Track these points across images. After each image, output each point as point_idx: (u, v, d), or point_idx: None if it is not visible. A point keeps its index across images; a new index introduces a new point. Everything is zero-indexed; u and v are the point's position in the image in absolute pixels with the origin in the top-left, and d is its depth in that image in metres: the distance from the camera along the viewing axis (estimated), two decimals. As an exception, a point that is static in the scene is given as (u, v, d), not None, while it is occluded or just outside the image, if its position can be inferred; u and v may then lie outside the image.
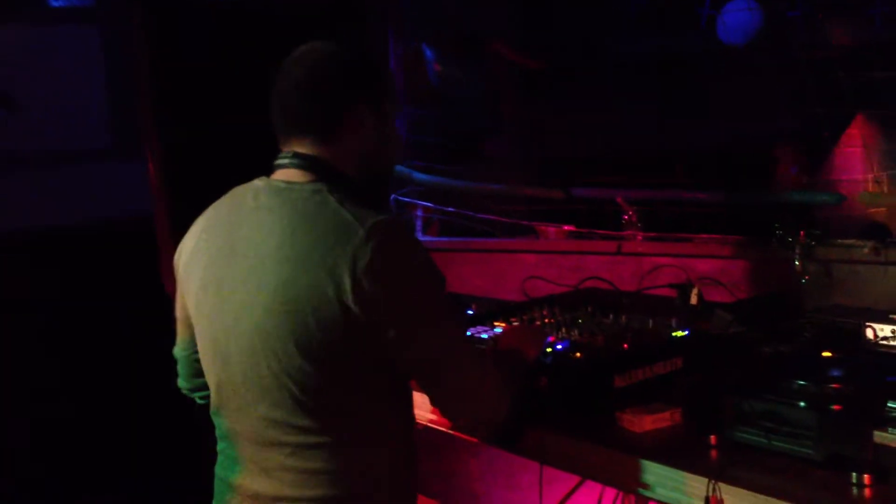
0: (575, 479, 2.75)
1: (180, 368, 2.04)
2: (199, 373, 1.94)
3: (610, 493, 2.91)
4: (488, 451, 3.70)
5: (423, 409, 2.14)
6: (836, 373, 1.83)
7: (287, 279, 1.66)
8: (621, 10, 4.40)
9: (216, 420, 1.87)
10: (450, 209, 4.08)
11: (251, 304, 1.71)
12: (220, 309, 1.77)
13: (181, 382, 2.05)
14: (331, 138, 1.79)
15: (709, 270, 3.07)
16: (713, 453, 1.77)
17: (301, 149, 1.79)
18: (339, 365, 1.68)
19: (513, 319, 2.41)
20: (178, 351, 2.02)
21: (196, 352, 1.91)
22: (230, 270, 1.76)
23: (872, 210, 3.01)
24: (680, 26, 4.31)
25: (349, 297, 1.62)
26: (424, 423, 2.18)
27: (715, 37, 4.16)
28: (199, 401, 2.02)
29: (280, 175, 1.80)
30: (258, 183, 1.82)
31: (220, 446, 1.87)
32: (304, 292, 1.64)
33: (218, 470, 1.88)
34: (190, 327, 1.91)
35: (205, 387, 1.93)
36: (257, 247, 1.72)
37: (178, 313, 1.97)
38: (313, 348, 1.66)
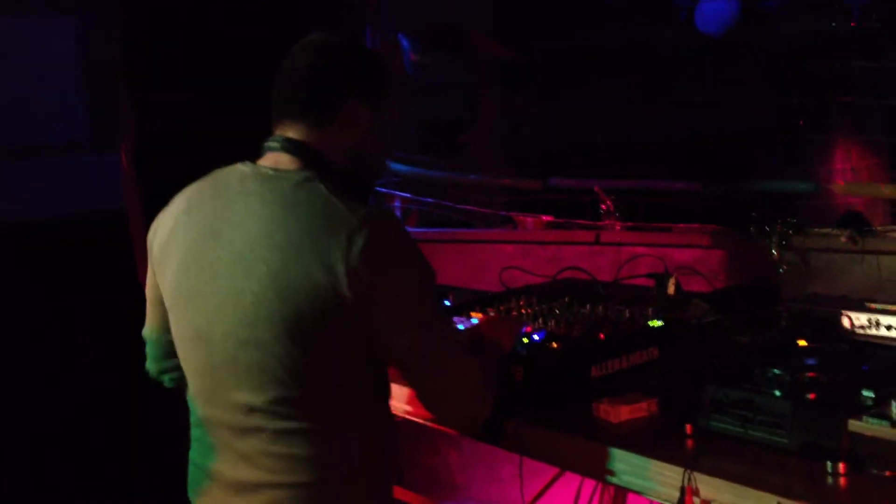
0: (555, 470, 2.75)
1: (149, 350, 2.01)
2: (168, 354, 1.92)
3: (589, 483, 2.91)
4: (470, 443, 3.70)
5: (401, 400, 2.13)
6: (810, 361, 1.84)
7: (279, 267, 1.67)
8: (598, 1, 4.40)
9: (192, 406, 1.85)
10: (428, 200, 4.07)
11: (239, 291, 1.70)
12: (202, 293, 1.76)
13: (149, 365, 2.03)
14: (323, 127, 1.80)
15: (687, 260, 3.07)
16: (689, 443, 1.77)
17: (292, 134, 1.80)
18: (328, 352, 1.69)
19: (489, 310, 2.40)
20: (148, 333, 1.99)
21: (167, 333, 1.89)
22: (215, 254, 1.75)
23: (849, 199, 3.02)
24: (657, 17, 4.31)
25: (343, 285, 1.63)
26: (403, 414, 2.17)
27: (692, 28, 4.17)
28: (167, 383, 2.01)
29: (268, 160, 1.80)
30: (243, 168, 1.81)
31: (195, 433, 1.85)
32: (297, 280, 1.65)
33: (193, 456, 1.86)
34: (161, 308, 1.89)
35: (174, 368, 1.92)
36: (246, 233, 1.72)
37: (149, 294, 1.95)
38: (304, 336, 1.66)
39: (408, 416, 2.14)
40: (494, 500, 3.81)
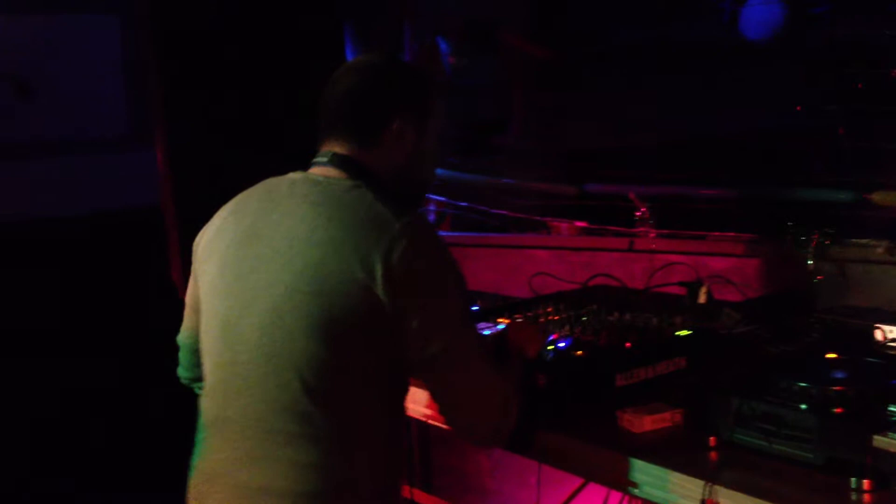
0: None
1: (182, 357, 2.04)
2: (200, 362, 1.93)
3: (616, 495, 2.88)
4: (499, 448, 3.69)
5: (422, 404, 2.13)
6: (839, 375, 1.80)
7: (317, 262, 1.69)
8: (637, 1, 4.36)
9: (205, 404, 1.85)
10: (462, 204, 4.06)
11: (272, 283, 1.72)
12: (236, 288, 1.78)
13: (181, 371, 2.06)
14: (370, 146, 1.85)
15: (722, 268, 3.03)
16: (712, 455, 1.74)
17: (339, 150, 1.85)
18: (354, 353, 1.70)
19: (517, 316, 2.39)
20: (183, 338, 2.02)
21: (199, 341, 1.90)
22: (253, 252, 1.78)
23: (889, 209, 2.96)
24: (698, 16, 4.27)
25: (379, 286, 1.66)
26: (423, 418, 2.17)
27: (734, 29, 4.12)
28: (198, 391, 2.01)
29: (317, 171, 1.85)
30: (294, 175, 1.86)
31: (201, 435, 1.85)
32: (333, 276, 1.67)
33: (196, 461, 1.86)
34: (198, 313, 1.91)
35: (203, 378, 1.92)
36: (287, 230, 1.75)
37: (189, 299, 1.98)
38: (332, 333, 1.68)
39: (428, 421, 2.13)
40: (524, 506, 3.79)
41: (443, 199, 4.10)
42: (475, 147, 4.30)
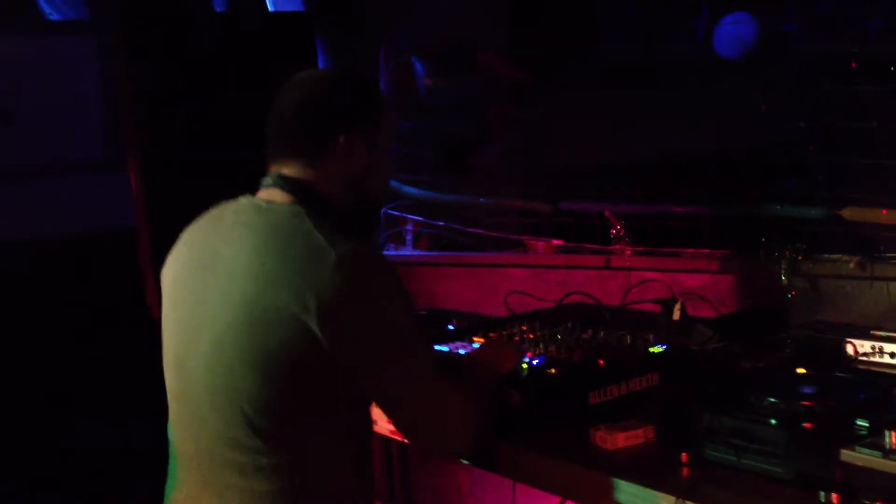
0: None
1: None
2: None
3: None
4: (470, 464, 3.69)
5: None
6: (808, 390, 1.82)
7: (252, 295, 1.66)
8: (610, 20, 4.40)
9: (170, 435, 1.86)
10: (439, 223, 4.07)
11: (214, 317, 1.71)
12: (184, 321, 1.77)
13: None
14: (317, 162, 1.80)
15: (696, 285, 3.05)
16: (685, 471, 1.75)
17: (287, 171, 1.81)
18: (295, 388, 1.66)
19: (492, 335, 2.40)
20: None
21: None
22: (199, 284, 1.76)
23: (859, 225, 2.99)
24: (672, 35, 4.31)
25: (314, 322, 1.61)
26: (391, 434, 2.16)
27: (708, 47, 4.15)
28: None
29: (263, 195, 1.81)
30: (242, 200, 1.83)
31: (171, 464, 1.86)
32: (269, 309, 1.63)
33: (168, 491, 1.86)
34: None
35: None
36: (227, 261, 1.73)
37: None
38: (270, 368, 1.64)
39: (395, 437, 2.13)
40: (504, 524, 3.78)
41: (419, 218, 4.12)
42: (451, 166, 4.31)
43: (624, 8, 4.48)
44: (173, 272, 1.86)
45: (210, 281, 1.74)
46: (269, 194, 1.80)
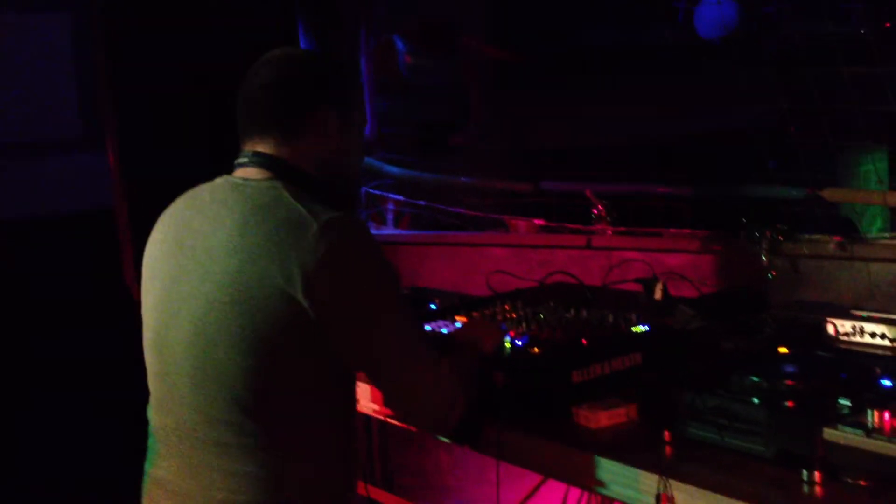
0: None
1: None
2: None
3: (576, 490, 2.90)
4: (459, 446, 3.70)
5: (369, 399, 2.13)
6: (789, 369, 1.83)
7: (235, 270, 1.65)
8: (592, 1, 4.39)
9: (150, 414, 1.84)
10: (420, 202, 4.06)
11: (194, 295, 1.70)
12: (164, 300, 1.76)
13: None
14: (291, 139, 1.80)
15: (678, 265, 3.06)
16: (667, 450, 1.76)
17: (261, 148, 1.80)
18: (281, 362, 1.66)
19: (474, 314, 2.39)
20: None
21: None
22: (176, 261, 1.75)
23: (839, 205, 3.00)
24: (652, 17, 4.30)
25: (299, 292, 1.61)
26: (372, 413, 2.16)
27: (689, 29, 4.15)
28: None
29: (239, 173, 1.81)
30: (218, 180, 1.83)
31: (150, 441, 1.84)
32: (253, 284, 1.63)
33: (147, 466, 1.85)
34: None
35: None
36: (206, 238, 1.72)
37: None
38: (256, 342, 1.64)
39: (377, 416, 2.13)
40: (485, 503, 3.80)
41: (401, 197, 4.11)
42: (432, 146, 4.30)
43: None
44: (150, 254, 1.86)
45: (188, 259, 1.73)
46: (245, 172, 1.79)
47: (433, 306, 2.58)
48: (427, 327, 2.28)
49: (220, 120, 2.00)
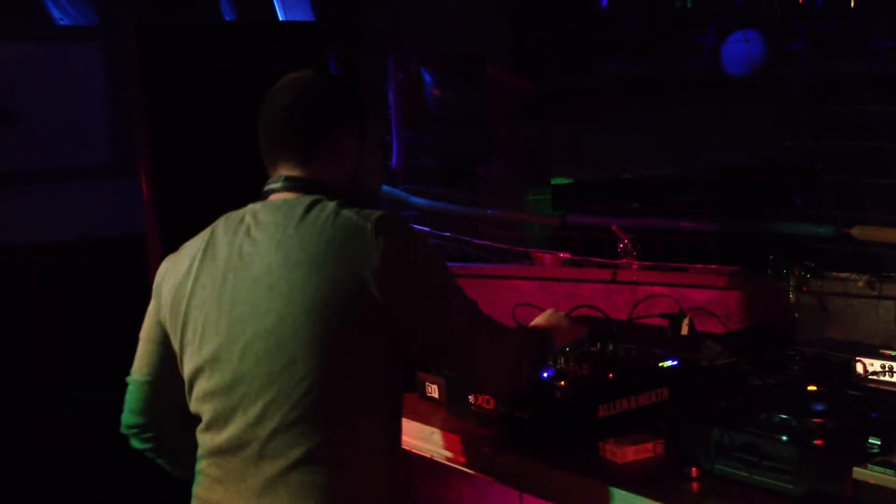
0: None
1: (129, 398, 1.97)
2: (146, 409, 1.93)
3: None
4: (482, 478, 3.68)
5: (411, 436, 2.12)
6: (819, 407, 1.81)
7: (301, 283, 1.70)
8: (619, 34, 4.41)
9: (203, 438, 1.83)
10: (446, 234, 4.08)
11: (260, 313, 1.72)
12: (219, 323, 1.77)
13: (125, 417, 1.98)
14: (315, 161, 1.85)
15: (703, 300, 3.04)
16: (694, 486, 1.75)
17: (289, 172, 1.85)
18: (357, 365, 1.72)
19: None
20: (136, 375, 1.96)
21: (158, 378, 1.91)
22: (233, 286, 1.77)
23: (868, 243, 2.99)
24: (680, 52, 4.32)
25: (373, 289, 1.68)
26: (412, 450, 2.16)
27: (715, 64, 4.16)
28: (135, 443, 1.98)
29: (275, 198, 1.85)
30: (253, 206, 1.86)
31: (201, 464, 1.84)
32: (322, 293, 1.68)
33: (198, 491, 1.84)
34: (158, 348, 1.91)
35: (148, 427, 1.94)
36: (262, 257, 1.75)
37: (146, 334, 1.94)
38: (332, 347, 1.69)
39: (421, 453, 2.13)
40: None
41: (426, 229, 4.12)
42: (458, 177, 4.32)
43: (630, 24, 4.50)
44: (205, 280, 1.82)
45: (245, 281, 1.75)
46: (282, 196, 1.84)
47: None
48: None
49: (251, 151, 2.02)
